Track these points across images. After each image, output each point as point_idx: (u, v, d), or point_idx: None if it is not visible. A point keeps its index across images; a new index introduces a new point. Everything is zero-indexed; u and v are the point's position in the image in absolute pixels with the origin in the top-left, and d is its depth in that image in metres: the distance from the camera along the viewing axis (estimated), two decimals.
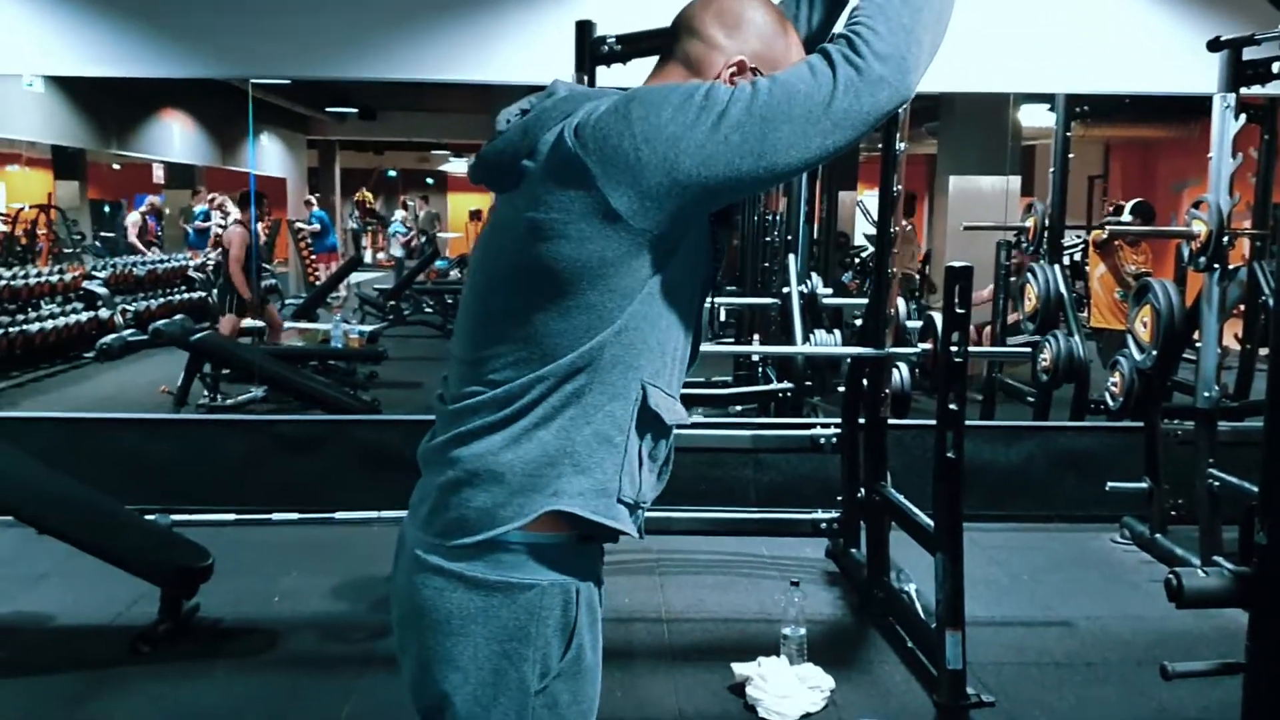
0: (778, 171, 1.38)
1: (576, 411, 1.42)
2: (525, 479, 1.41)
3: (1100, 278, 7.13)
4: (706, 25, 1.54)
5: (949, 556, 3.45)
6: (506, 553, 1.43)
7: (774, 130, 1.35)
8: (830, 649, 3.76)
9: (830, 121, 1.35)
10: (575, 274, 1.39)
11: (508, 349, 1.44)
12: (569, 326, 1.41)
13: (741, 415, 6.37)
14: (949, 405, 3.46)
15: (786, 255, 6.27)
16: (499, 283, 1.48)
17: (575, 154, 1.39)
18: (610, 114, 1.40)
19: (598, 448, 1.43)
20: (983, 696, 3.40)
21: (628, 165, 1.37)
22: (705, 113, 1.36)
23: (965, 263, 3.48)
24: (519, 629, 1.43)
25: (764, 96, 1.36)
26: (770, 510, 4.83)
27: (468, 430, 1.45)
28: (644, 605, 4.26)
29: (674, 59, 1.56)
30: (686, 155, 1.35)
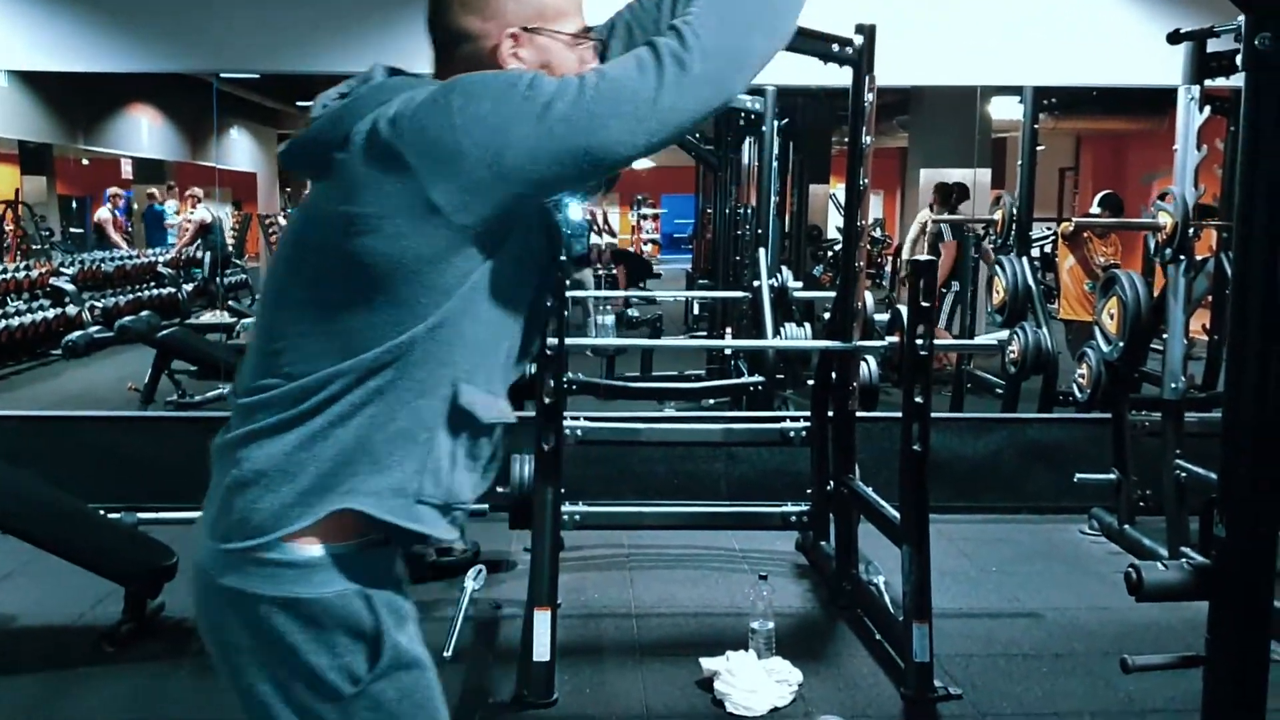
0: (603, 165, 1.34)
1: (379, 408, 1.37)
2: (319, 479, 1.36)
3: (1070, 269, 7.16)
4: (458, 20, 1.48)
5: (915, 548, 3.46)
6: (291, 565, 1.37)
7: (601, 125, 1.31)
8: (799, 642, 3.76)
9: (656, 119, 1.32)
10: (389, 270, 1.34)
11: (307, 341, 1.38)
12: (377, 321, 1.36)
13: (714, 409, 6.37)
14: (914, 398, 3.47)
15: (757, 249, 6.27)
16: (304, 273, 1.42)
17: (391, 145, 1.34)
18: (429, 104, 1.35)
19: (399, 446, 1.37)
20: (950, 689, 3.41)
21: (447, 158, 1.32)
22: (529, 104, 1.31)
23: (930, 256, 3.48)
24: (309, 645, 1.38)
25: (591, 91, 1.31)
26: (741, 504, 4.83)
27: (259, 427, 1.39)
28: (613, 601, 4.26)
29: (447, 70, 1.48)
30: (510, 148, 1.31)
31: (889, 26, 3.99)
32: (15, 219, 13.60)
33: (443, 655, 3.63)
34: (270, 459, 1.37)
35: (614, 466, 5.24)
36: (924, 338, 3.43)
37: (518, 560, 4.61)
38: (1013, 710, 3.38)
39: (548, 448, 3.63)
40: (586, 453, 4.48)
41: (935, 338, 3.52)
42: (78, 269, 10.75)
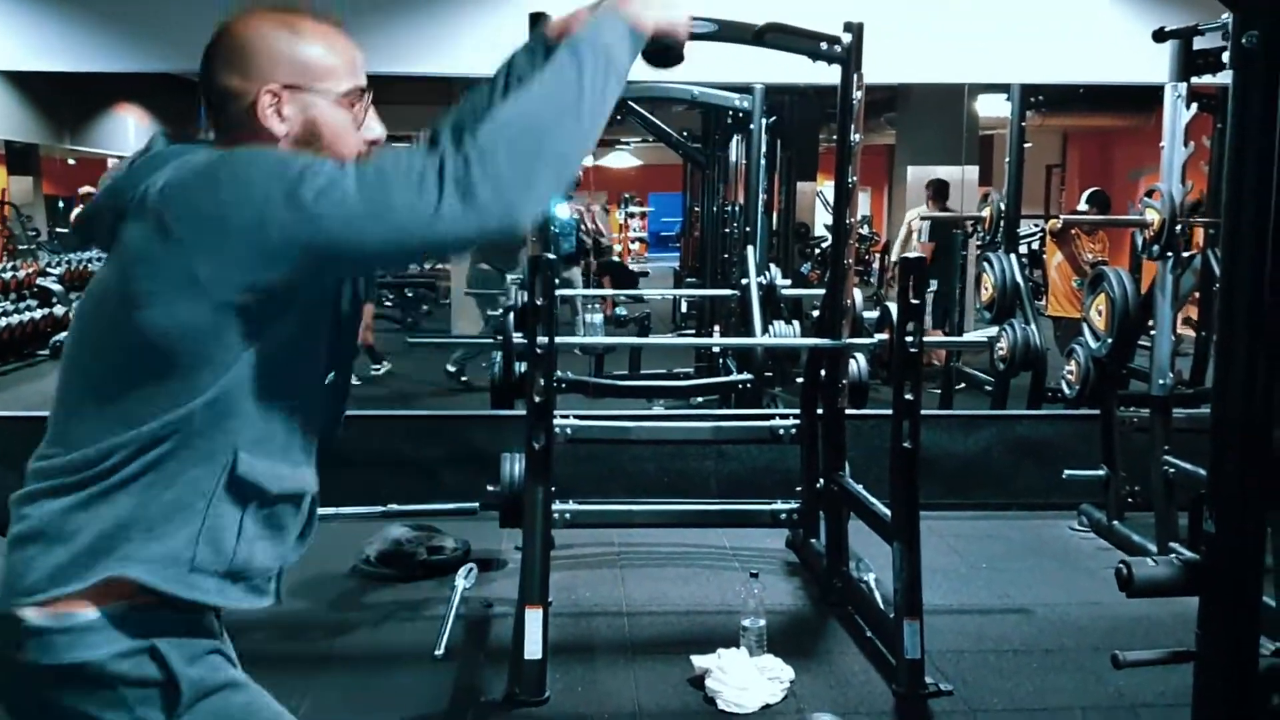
0: (360, 267, 1.37)
1: (156, 477, 1.36)
2: (95, 541, 1.36)
3: (1058, 266, 7.19)
4: (221, 78, 1.46)
5: (906, 545, 3.47)
6: (64, 631, 1.36)
7: (364, 228, 1.29)
8: (790, 640, 3.77)
9: (421, 238, 1.30)
10: (164, 344, 1.34)
11: (91, 411, 1.39)
12: (156, 394, 1.35)
13: (703, 407, 6.37)
14: (904, 395, 3.48)
15: (745, 247, 6.27)
16: (89, 345, 1.44)
17: (160, 214, 1.33)
18: (199, 174, 1.34)
19: (174, 514, 1.37)
20: (941, 685, 3.41)
21: (211, 230, 1.31)
22: (298, 188, 1.29)
23: (919, 253, 3.49)
24: (102, 708, 1.38)
25: (365, 191, 1.29)
26: (731, 502, 4.84)
27: (41, 489, 1.40)
28: (605, 599, 4.26)
29: (220, 132, 1.48)
30: (271, 229, 1.29)
31: (877, 24, 3.99)
32: (1, 219, 13.55)
33: (434, 654, 3.63)
34: (49, 520, 1.38)
35: (604, 465, 5.24)
36: (914, 334, 3.44)
37: (508, 559, 4.61)
38: (1004, 706, 3.39)
39: (538, 446, 3.63)
40: (576, 451, 4.48)
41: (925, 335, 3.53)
42: (65, 269, 10.70)
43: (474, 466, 4.66)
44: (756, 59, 4.41)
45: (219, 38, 1.48)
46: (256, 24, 1.46)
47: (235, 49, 1.45)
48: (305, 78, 1.45)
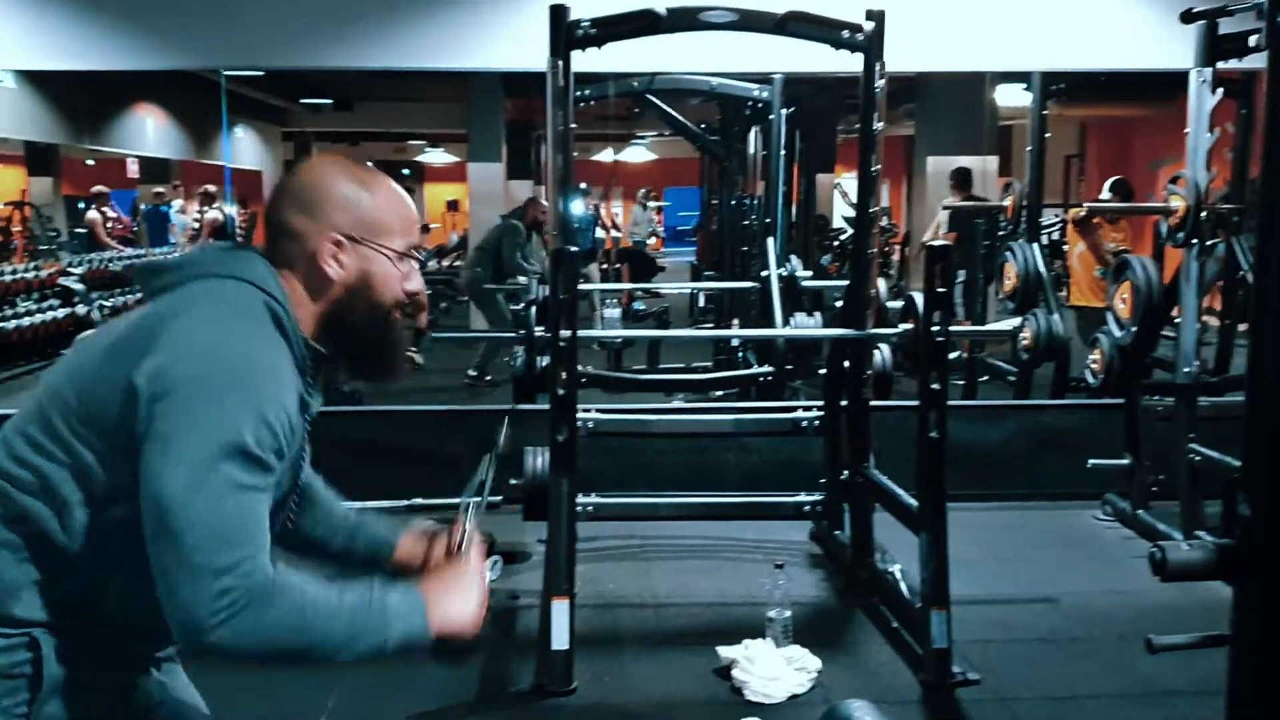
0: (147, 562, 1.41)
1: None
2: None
3: (1080, 255, 7.15)
4: (288, 216, 1.55)
5: (933, 536, 3.46)
6: None
7: (174, 539, 1.36)
8: (816, 630, 3.76)
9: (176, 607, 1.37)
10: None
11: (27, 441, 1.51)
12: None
13: (722, 400, 6.37)
14: (931, 385, 3.46)
15: (765, 239, 6.26)
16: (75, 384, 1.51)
17: (134, 406, 1.41)
18: (183, 378, 1.40)
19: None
20: (969, 674, 3.41)
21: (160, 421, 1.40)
22: (220, 462, 1.37)
23: (944, 241, 3.48)
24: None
25: (193, 535, 1.36)
26: (754, 494, 4.83)
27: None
28: (629, 591, 4.26)
29: (280, 266, 1.56)
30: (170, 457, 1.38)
31: (898, 12, 3.98)
32: (22, 220, 13.64)
33: None
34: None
35: (625, 459, 5.23)
36: (940, 324, 3.42)
37: (533, 552, 4.61)
38: (1031, 694, 3.38)
39: (561, 439, 3.63)
40: (597, 445, 4.48)
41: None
42: (86, 268, 10.76)
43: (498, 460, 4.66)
44: (776, 49, 4.41)
45: (293, 177, 1.59)
46: (331, 173, 1.57)
47: (306, 193, 1.55)
48: (367, 232, 1.55)
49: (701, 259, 11.83)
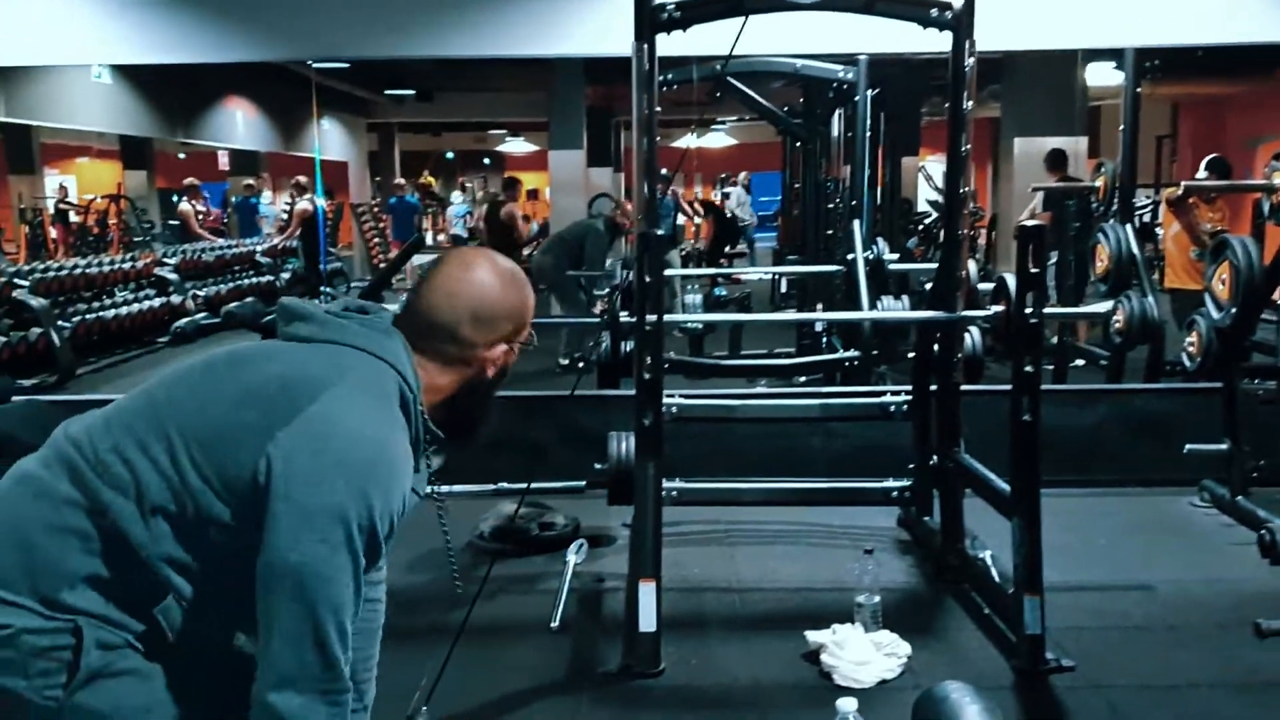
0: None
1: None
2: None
3: (1174, 237, 6.97)
4: (463, 329, 1.69)
5: (1026, 520, 3.40)
6: None
7: (290, 604, 1.45)
8: (905, 616, 3.72)
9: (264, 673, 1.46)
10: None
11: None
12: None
13: (805, 387, 6.33)
14: (1024, 368, 3.41)
15: (851, 221, 6.19)
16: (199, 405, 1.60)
17: (268, 479, 1.49)
18: (306, 473, 1.48)
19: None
20: (1062, 661, 3.35)
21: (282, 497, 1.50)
22: (340, 547, 1.46)
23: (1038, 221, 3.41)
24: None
25: (303, 608, 1.44)
26: (840, 480, 4.79)
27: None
28: (714, 575, 4.26)
29: (424, 352, 1.68)
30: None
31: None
32: (118, 212, 14.01)
33: (550, 626, 3.68)
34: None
35: (708, 444, 5.22)
36: (1033, 306, 3.36)
37: (617, 536, 4.64)
38: (1127, 682, 3.31)
39: (648, 423, 3.63)
40: (680, 431, 4.47)
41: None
42: (180, 259, 11.02)
43: (580, 445, 4.69)
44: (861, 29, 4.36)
45: (475, 291, 1.70)
46: (506, 293, 1.72)
47: (485, 311, 1.70)
48: (519, 335, 1.76)
49: (783, 244, 11.75)
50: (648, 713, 3.18)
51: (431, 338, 1.67)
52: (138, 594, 1.54)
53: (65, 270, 9.27)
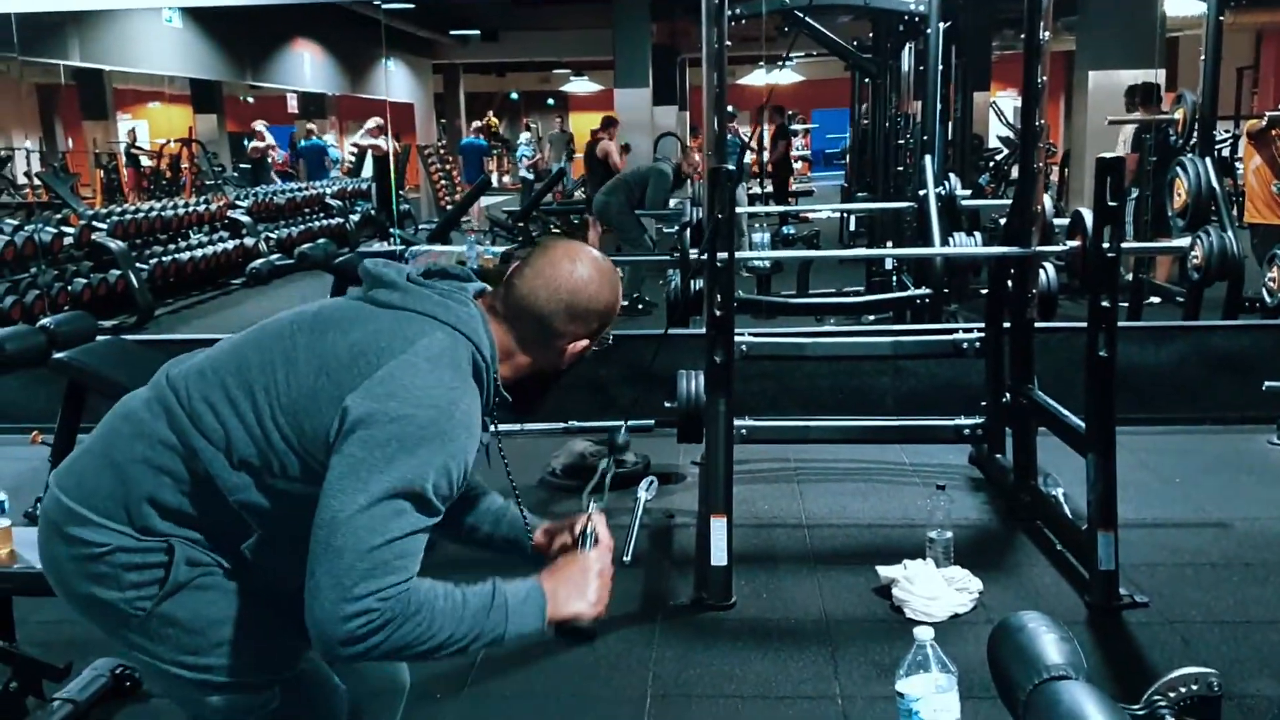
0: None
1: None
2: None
3: (1256, 170, 6.78)
4: (557, 320, 1.71)
5: (1101, 456, 3.38)
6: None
7: (329, 540, 1.49)
8: (977, 553, 3.73)
9: (316, 605, 1.48)
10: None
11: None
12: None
13: (874, 326, 6.28)
14: (1101, 303, 3.36)
15: (923, 157, 6.11)
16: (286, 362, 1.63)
17: (334, 438, 1.54)
18: (382, 419, 1.53)
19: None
20: (1136, 597, 3.35)
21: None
22: (402, 496, 1.50)
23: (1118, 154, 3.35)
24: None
25: (359, 546, 1.48)
26: (912, 417, 4.78)
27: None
28: (784, 512, 4.29)
29: (510, 331, 1.71)
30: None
31: None
32: (190, 156, 14.20)
33: (622, 560, 3.73)
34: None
35: (776, 383, 5.24)
36: (1111, 239, 3.31)
37: (686, 473, 4.68)
38: (1202, 618, 3.29)
39: (719, 360, 3.64)
40: (748, 369, 4.49)
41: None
42: (252, 202, 11.17)
43: (649, 384, 4.71)
44: None
45: (576, 286, 1.71)
46: (603, 292, 1.74)
47: (580, 308, 1.71)
48: (603, 330, 1.78)
49: (851, 182, 11.63)
50: (720, 643, 3.23)
51: (522, 319, 1.71)
52: (225, 531, 1.63)
53: (141, 213, 9.45)
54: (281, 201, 11.91)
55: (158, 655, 1.63)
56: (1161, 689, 1.65)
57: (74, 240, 8.21)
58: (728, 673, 3.06)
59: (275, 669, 1.68)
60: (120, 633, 1.64)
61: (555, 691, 3.00)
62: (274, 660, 1.68)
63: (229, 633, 1.63)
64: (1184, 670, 1.67)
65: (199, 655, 1.62)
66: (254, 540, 1.63)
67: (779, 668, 3.08)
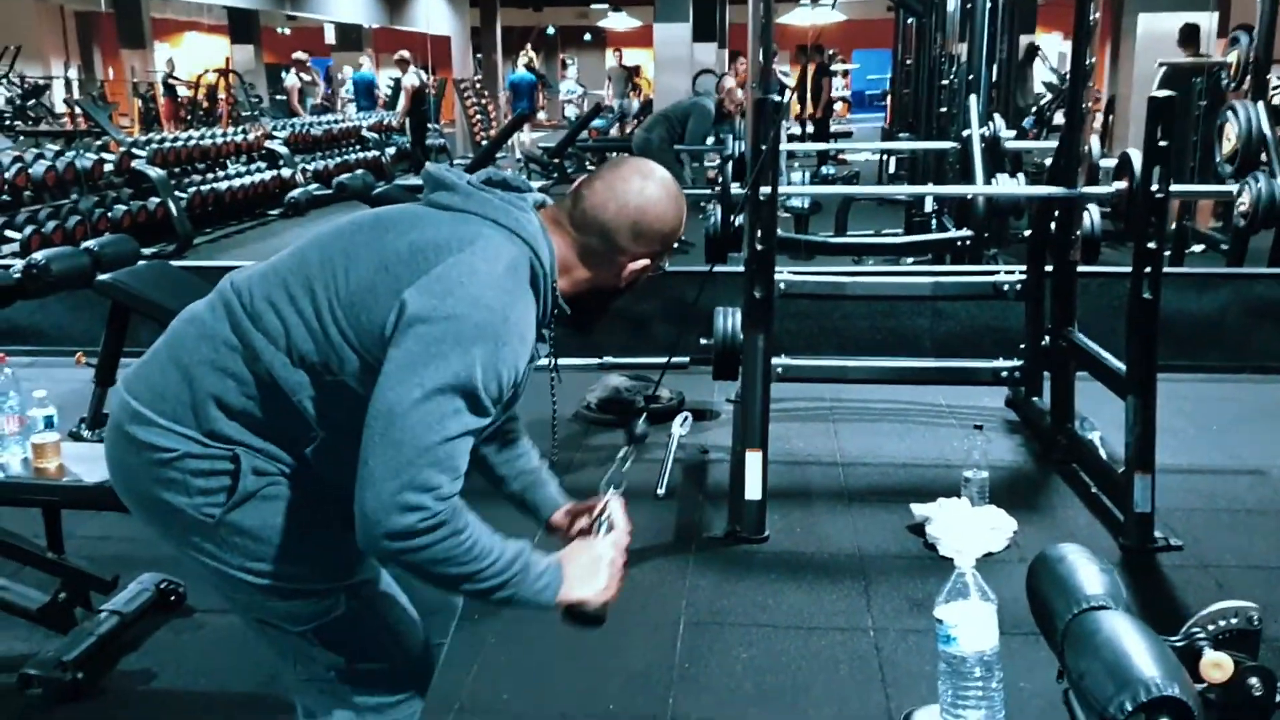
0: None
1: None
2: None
3: None
4: (620, 237, 1.69)
5: (1141, 399, 3.36)
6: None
7: (383, 444, 1.50)
8: (1012, 494, 3.73)
9: (365, 501, 1.50)
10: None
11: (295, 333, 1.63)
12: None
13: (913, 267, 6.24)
14: (1147, 245, 3.33)
15: (968, 96, 6.03)
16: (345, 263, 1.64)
17: (403, 318, 1.55)
18: (438, 316, 1.53)
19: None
20: (1171, 540, 3.35)
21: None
22: (425, 380, 1.51)
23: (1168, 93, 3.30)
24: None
25: (417, 443, 1.49)
26: (950, 359, 4.76)
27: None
28: (819, 450, 4.30)
29: (573, 242, 1.70)
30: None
31: None
32: (227, 87, 14.20)
33: (655, 493, 3.76)
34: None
35: (813, 323, 5.23)
36: (1160, 181, 3.27)
37: (720, 410, 4.70)
38: (1237, 563, 3.29)
39: (759, 296, 3.63)
40: (785, 308, 4.47)
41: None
42: (288, 133, 11.17)
43: (685, 321, 4.71)
44: None
45: (644, 204, 1.69)
46: (669, 214, 1.72)
47: (646, 226, 1.70)
48: (662, 257, 1.76)
49: (892, 123, 11.50)
50: (753, 575, 3.26)
51: (586, 231, 1.70)
52: (288, 435, 1.65)
53: (180, 142, 9.48)
54: (318, 133, 11.91)
55: (225, 561, 1.66)
56: (1200, 621, 1.66)
57: (114, 167, 8.25)
58: (761, 603, 3.09)
59: (338, 575, 1.70)
60: (186, 537, 1.67)
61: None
62: (337, 567, 1.70)
63: (295, 541, 1.66)
64: (1224, 603, 1.67)
65: (265, 562, 1.65)
66: (316, 443, 1.64)
67: (812, 600, 3.11)
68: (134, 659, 2.81)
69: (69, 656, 2.65)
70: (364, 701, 1.75)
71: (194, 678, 2.75)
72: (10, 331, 5.31)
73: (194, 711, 2.65)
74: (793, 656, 2.81)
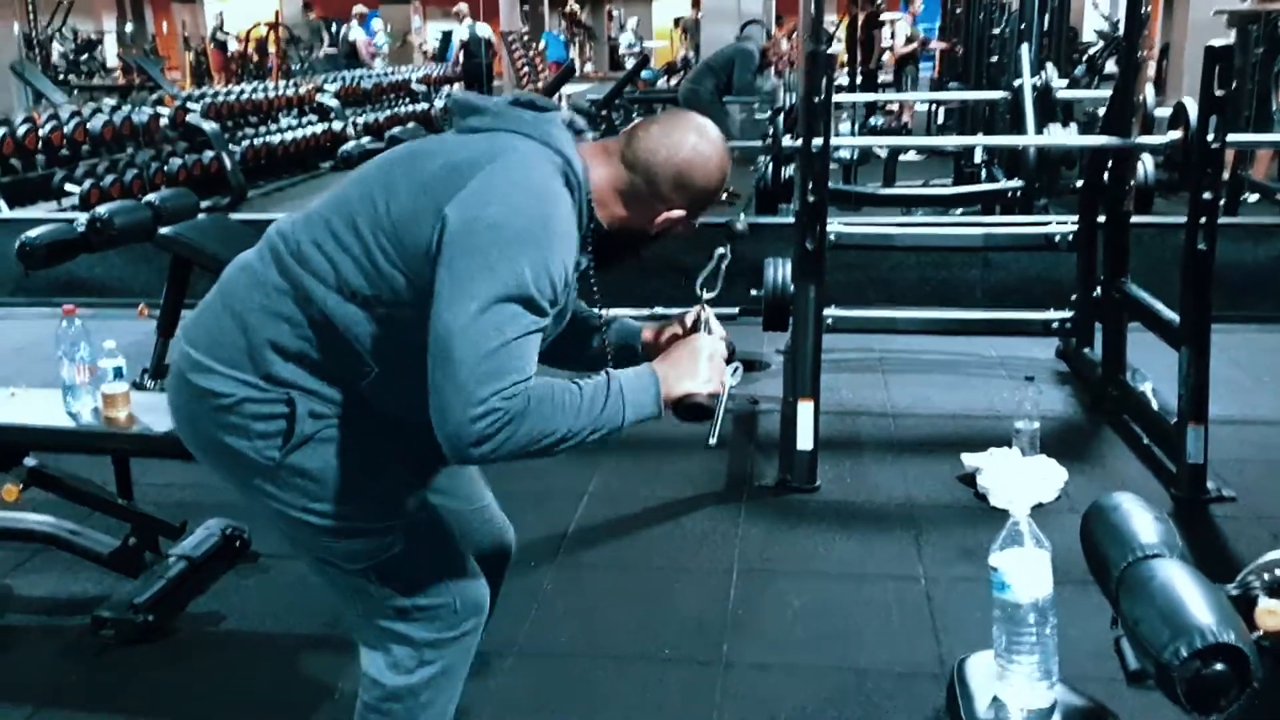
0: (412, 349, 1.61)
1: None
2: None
3: None
4: (661, 183, 1.72)
5: (1195, 350, 3.35)
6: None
7: (447, 356, 1.53)
8: (1062, 445, 3.73)
9: (441, 404, 1.54)
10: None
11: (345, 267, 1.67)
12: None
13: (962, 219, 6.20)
14: (1202, 195, 3.30)
15: (1019, 46, 5.95)
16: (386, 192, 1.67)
17: (436, 250, 1.58)
18: (481, 226, 1.57)
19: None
20: (1224, 491, 3.35)
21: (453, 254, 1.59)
22: (480, 294, 1.54)
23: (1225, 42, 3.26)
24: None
25: (481, 348, 1.52)
26: (1000, 310, 4.75)
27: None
28: (868, 400, 4.32)
29: (617, 177, 1.72)
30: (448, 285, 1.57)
31: None
32: (277, 40, 14.27)
33: (707, 443, 3.78)
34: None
35: (863, 274, 5.21)
36: (1217, 130, 3.24)
37: (770, 361, 4.72)
38: None
39: (810, 247, 3.65)
40: (834, 259, 4.45)
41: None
42: (339, 86, 11.22)
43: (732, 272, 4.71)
44: None
45: (692, 157, 1.72)
46: (712, 173, 1.75)
47: (688, 179, 1.73)
48: (695, 215, 1.78)
49: (941, 73, 11.36)
50: (804, 524, 3.30)
51: (633, 169, 1.73)
52: (344, 372, 1.69)
53: (233, 96, 9.56)
54: (368, 86, 11.95)
55: (286, 502, 1.72)
56: (1256, 570, 1.68)
57: (169, 121, 8.35)
58: (812, 551, 3.14)
59: (395, 514, 1.76)
60: (249, 480, 1.73)
61: (645, 563, 3.11)
62: (394, 505, 1.76)
63: (353, 481, 1.71)
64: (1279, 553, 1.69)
65: (325, 502, 1.71)
66: (371, 377, 1.68)
67: (863, 548, 3.15)
68: (202, 602, 2.89)
69: (140, 600, 2.73)
70: (422, 637, 1.80)
71: (260, 620, 2.84)
72: (72, 283, 5.42)
73: (261, 652, 2.73)
74: (844, 604, 2.86)
